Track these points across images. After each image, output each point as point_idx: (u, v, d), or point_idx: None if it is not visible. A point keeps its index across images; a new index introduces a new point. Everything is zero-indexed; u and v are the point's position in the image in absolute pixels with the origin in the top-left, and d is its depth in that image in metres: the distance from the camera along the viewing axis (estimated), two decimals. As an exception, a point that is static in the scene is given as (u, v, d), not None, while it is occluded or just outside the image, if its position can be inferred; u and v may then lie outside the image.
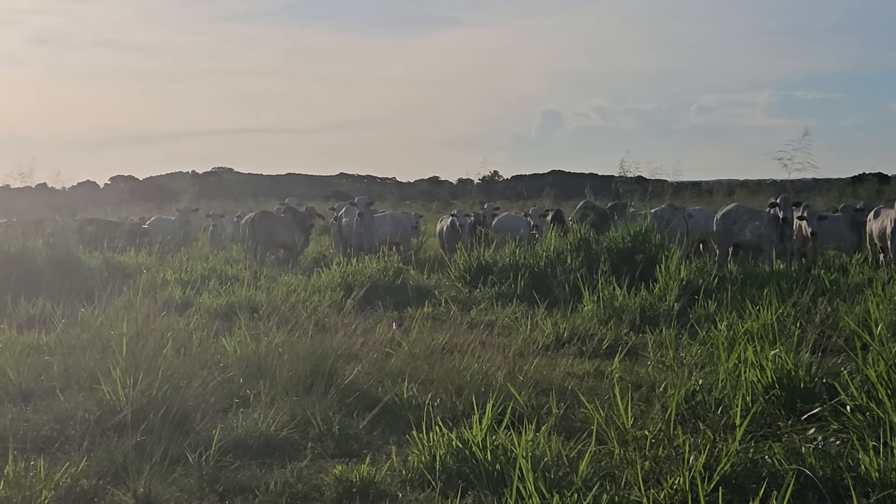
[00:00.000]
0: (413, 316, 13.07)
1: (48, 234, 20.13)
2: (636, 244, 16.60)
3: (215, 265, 19.43)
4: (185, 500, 6.63)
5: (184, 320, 11.68)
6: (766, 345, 8.82)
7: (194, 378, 8.74)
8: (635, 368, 10.15)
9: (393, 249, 23.96)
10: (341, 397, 8.68)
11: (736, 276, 15.54)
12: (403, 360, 10.00)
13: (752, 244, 19.95)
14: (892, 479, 6.16)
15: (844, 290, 13.88)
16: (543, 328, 12.02)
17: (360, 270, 16.91)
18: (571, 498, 5.81)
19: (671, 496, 6.16)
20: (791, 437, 7.30)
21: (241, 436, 7.73)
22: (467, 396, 8.40)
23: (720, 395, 8.16)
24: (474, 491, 6.54)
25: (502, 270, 16.70)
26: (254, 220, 23.94)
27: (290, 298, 14.21)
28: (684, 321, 11.92)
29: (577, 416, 8.19)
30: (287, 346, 9.70)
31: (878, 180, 60.89)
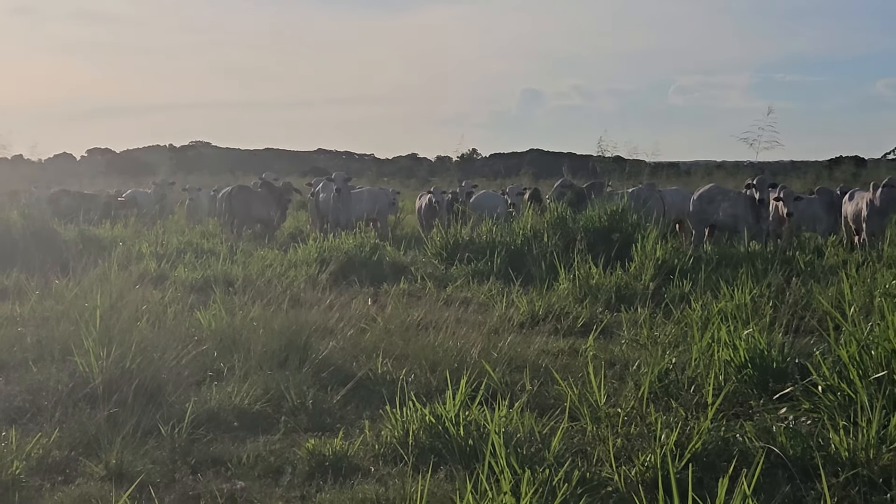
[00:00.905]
0: (389, 292, 13.09)
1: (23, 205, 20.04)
2: (613, 223, 16.64)
3: (191, 239, 19.42)
4: (157, 472, 6.61)
5: (159, 293, 11.66)
6: (740, 325, 8.86)
7: (168, 351, 8.71)
8: (609, 347, 10.18)
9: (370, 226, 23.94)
10: (315, 372, 8.67)
11: (711, 257, 15.60)
12: (378, 336, 10.01)
13: (728, 225, 19.98)
14: (860, 458, 6.20)
15: (819, 272, 13.94)
16: (519, 306, 12.03)
17: (336, 246, 16.89)
18: (543, 473, 5.82)
19: (642, 473, 6.18)
20: (762, 417, 7.33)
21: (215, 409, 7.73)
22: (441, 372, 8.40)
23: (693, 374, 8.20)
24: (446, 465, 6.56)
25: (479, 248, 16.70)
26: (230, 195, 23.87)
27: (265, 273, 14.21)
28: (659, 300, 11.95)
29: (551, 393, 8.22)
30: (262, 320, 9.70)
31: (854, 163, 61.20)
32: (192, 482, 6.50)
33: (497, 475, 5.74)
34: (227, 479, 6.57)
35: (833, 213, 21.49)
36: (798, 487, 6.03)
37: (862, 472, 6.07)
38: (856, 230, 20.22)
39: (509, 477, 5.67)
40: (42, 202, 24.42)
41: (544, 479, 5.75)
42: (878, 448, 6.24)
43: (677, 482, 5.18)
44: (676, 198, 22.56)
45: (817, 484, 5.82)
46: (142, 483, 6.28)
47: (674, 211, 21.97)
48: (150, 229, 20.96)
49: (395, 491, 6.17)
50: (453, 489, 6.04)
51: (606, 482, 6.13)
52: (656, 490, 5.44)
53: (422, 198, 26.22)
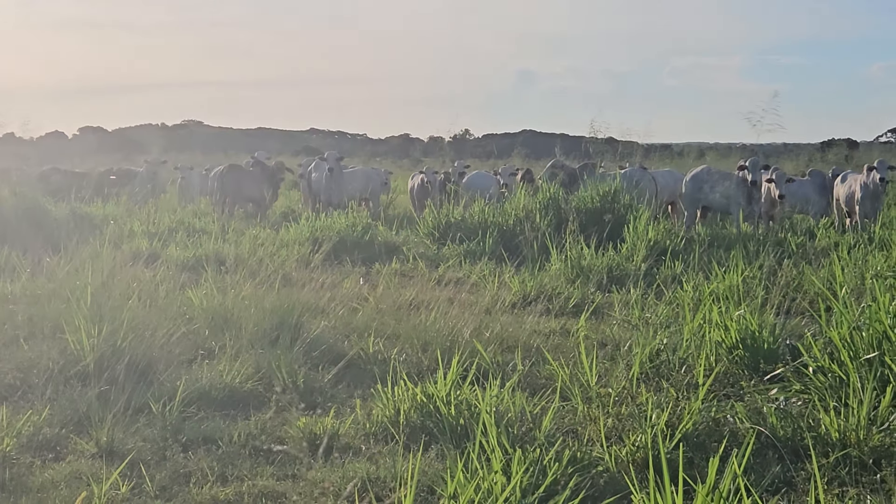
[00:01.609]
0: (381, 272, 13.10)
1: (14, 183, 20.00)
2: (605, 204, 16.64)
3: (183, 217, 19.41)
4: (148, 450, 6.61)
5: (150, 272, 11.64)
6: (731, 306, 8.87)
7: (159, 329, 8.72)
8: (601, 327, 10.18)
9: (362, 205, 23.96)
10: (307, 351, 8.68)
11: (703, 238, 15.61)
12: (370, 316, 10.01)
13: (720, 206, 19.99)
14: (850, 439, 6.22)
15: (810, 254, 13.95)
16: (511, 286, 12.04)
17: (328, 225, 16.89)
18: (534, 453, 5.82)
19: (633, 453, 6.19)
20: (753, 397, 7.34)
21: (206, 387, 7.72)
22: (433, 352, 8.42)
23: (684, 355, 8.21)
24: (437, 445, 6.56)
25: (471, 228, 16.69)
26: (222, 174, 23.82)
27: (257, 252, 14.19)
28: (651, 281, 11.94)
29: (542, 373, 8.24)
30: (253, 299, 9.71)
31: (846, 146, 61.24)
32: (183, 460, 6.50)
33: (488, 454, 5.75)
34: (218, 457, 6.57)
35: (825, 196, 21.49)
36: (788, 468, 6.05)
37: (852, 453, 6.08)
38: (848, 212, 20.25)
39: (500, 456, 5.67)
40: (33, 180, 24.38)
41: (535, 459, 5.76)
42: (869, 429, 6.26)
43: (668, 462, 5.18)
44: (669, 179, 22.56)
45: (807, 464, 5.85)
46: (132, 461, 6.29)
47: (666, 192, 21.98)
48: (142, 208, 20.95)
49: (386, 470, 6.17)
50: (444, 468, 6.03)
51: (597, 462, 6.13)
52: (647, 470, 5.45)
53: (414, 178, 26.20)
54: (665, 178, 22.63)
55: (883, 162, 19.75)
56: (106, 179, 26.09)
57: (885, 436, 6.24)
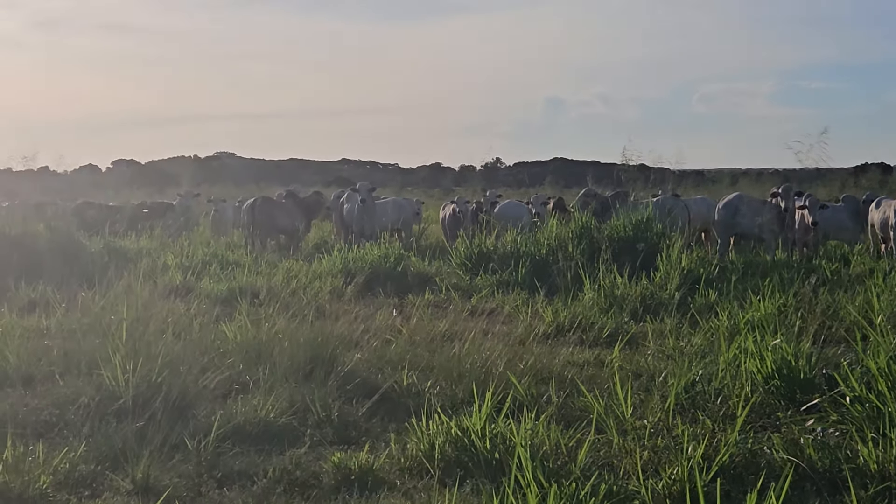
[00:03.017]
0: (414, 303, 13.08)
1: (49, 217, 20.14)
2: (637, 233, 16.60)
3: (216, 250, 19.45)
4: (183, 486, 6.62)
5: (184, 305, 11.68)
6: (767, 335, 8.81)
7: (194, 364, 8.74)
8: (635, 357, 10.14)
9: (394, 236, 23.97)
10: (341, 384, 8.67)
11: (737, 266, 15.55)
12: (403, 348, 10.00)
13: (753, 234, 19.92)
14: (890, 471, 6.16)
15: (845, 281, 13.87)
16: (544, 316, 12.02)
17: (361, 257, 16.93)
18: (570, 487, 5.80)
19: (669, 486, 6.15)
20: (790, 428, 7.29)
21: (241, 422, 7.72)
22: (467, 384, 8.40)
23: (720, 386, 8.16)
24: (473, 479, 6.53)
25: (503, 258, 16.68)
26: (254, 206, 23.90)
27: (290, 284, 14.24)
28: (685, 310, 11.90)
29: (577, 405, 8.19)
30: (287, 332, 9.71)
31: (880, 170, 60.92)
32: (218, 496, 6.51)
33: (524, 489, 5.72)
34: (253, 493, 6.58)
35: (859, 222, 21.36)
36: (826, 501, 6.00)
37: (892, 486, 6.03)
38: (883, 238, 20.12)
39: (536, 491, 5.65)
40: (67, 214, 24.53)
41: (571, 493, 5.73)
42: (908, 461, 6.20)
43: (705, 495, 5.15)
44: (702, 207, 22.51)
45: (846, 497, 5.79)
46: (168, 497, 6.30)
47: (699, 220, 21.92)
48: (176, 241, 21.04)
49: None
50: (480, 503, 6.02)
51: (633, 495, 6.10)
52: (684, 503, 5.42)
53: (446, 208, 26.23)
54: (698, 205, 22.58)
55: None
56: (139, 213, 26.23)
57: (924, 467, 6.18)
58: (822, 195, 27.34)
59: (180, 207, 27.33)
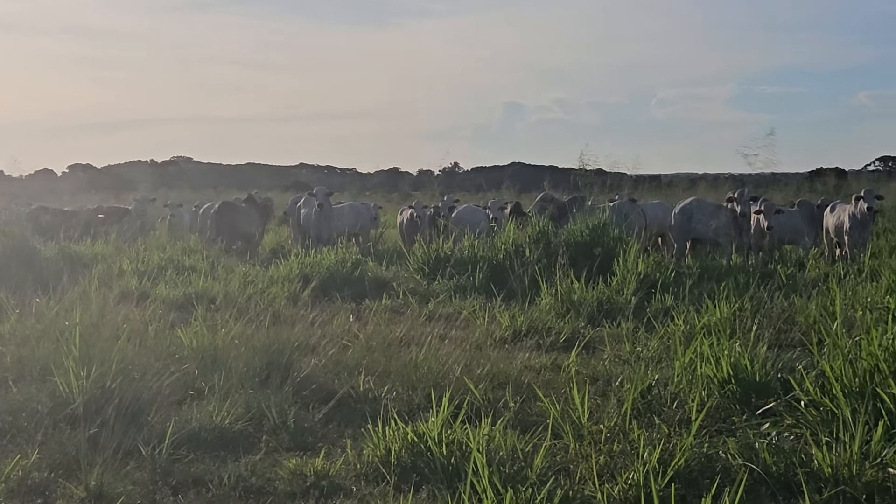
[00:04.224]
0: (371, 308, 13.05)
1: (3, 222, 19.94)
2: (594, 237, 16.62)
3: (172, 255, 19.33)
4: (137, 494, 6.57)
5: (140, 311, 11.59)
6: (723, 339, 8.84)
7: (149, 370, 8.67)
8: (592, 362, 10.16)
9: (352, 241, 23.95)
10: (297, 390, 8.63)
11: (693, 271, 15.59)
12: (360, 353, 9.97)
13: (709, 238, 20.02)
14: (844, 475, 6.19)
15: (801, 285, 13.95)
16: (501, 321, 12.03)
17: (318, 262, 16.89)
18: (526, 493, 5.80)
19: (625, 491, 6.16)
20: (745, 433, 7.30)
21: (196, 428, 7.67)
22: (424, 390, 8.41)
23: (676, 390, 8.19)
24: (429, 485, 6.52)
25: (461, 263, 16.66)
26: (217, 212, 23.92)
27: (247, 289, 14.19)
28: (641, 315, 11.93)
29: (534, 410, 8.20)
30: (243, 338, 9.65)
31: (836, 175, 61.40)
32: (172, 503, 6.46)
33: (480, 495, 5.72)
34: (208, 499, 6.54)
35: (814, 226, 21.53)
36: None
37: (845, 489, 6.06)
38: (837, 243, 20.28)
39: (492, 496, 5.65)
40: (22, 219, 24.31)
41: (527, 498, 5.74)
42: (861, 464, 6.24)
43: (660, 500, 5.16)
44: (658, 211, 22.59)
45: (800, 501, 5.81)
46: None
47: (655, 225, 22.00)
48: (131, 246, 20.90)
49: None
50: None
51: (589, 501, 6.11)
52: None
53: (403, 212, 26.22)
54: (654, 210, 22.67)
55: (871, 191, 19.83)
56: (95, 218, 26.03)
57: (877, 471, 6.21)
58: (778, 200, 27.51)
59: (136, 212, 27.13)
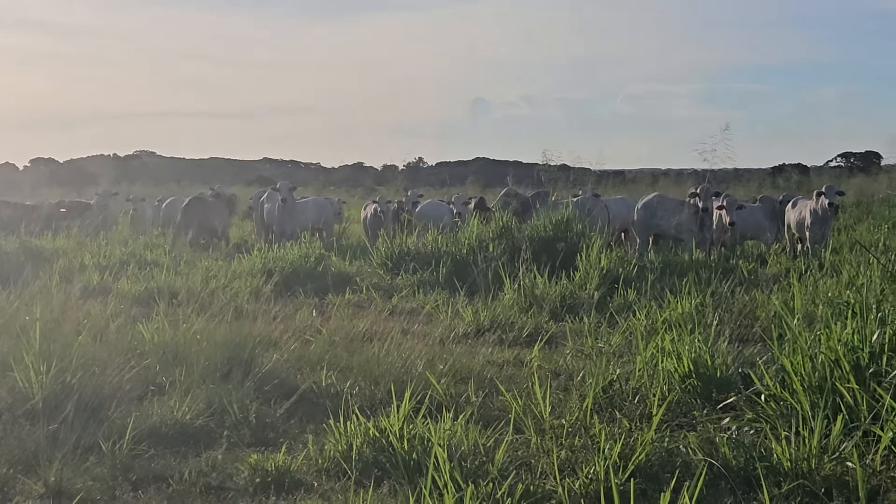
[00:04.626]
0: (334, 303, 13.04)
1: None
2: (557, 233, 16.67)
3: (135, 250, 19.25)
4: (97, 490, 6.53)
5: (101, 306, 11.54)
6: (684, 334, 8.87)
7: (110, 365, 8.62)
8: (554, 357, 10.17)
9: (315, 235, 23.90)
10: (259, 385, 8.60)
11: (656, 266, 15.64)
12: (323, 348, 9.94)
13: (671, 234, 20.10)
14: (803, 468, 6.22)
15: (762, 281, 14.02)
16: (464, 316, 12.04)
17: (281, 256, 16.85)
18: (487, 487, 5.81)
19: (586, 485, 6.17)
20: (706, 427, 7.34)
21: (156, 424, 7.63)
22: (386, 385, 8.39)
23: (637, 385, 8.22)
24: (390, 480, 6.52)
25: (424, 258, 16.68)
26: (187, 206, 23.94)
27: (209, 284, 14.12)
28: (604, 310, 11.98)
29: (496, 405, 8.21)
30: (205, 332, 9.62)
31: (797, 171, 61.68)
32: (132, 499, 6.44)
33: (441, 489, 5.72)
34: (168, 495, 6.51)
35: (776, 222, 21.66)
36: (741, 499, 6.05)
37: (804, 483, 6.09)
38: (799, 238, 20.41)
39: (453, 491, 5.65)
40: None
41: (488, 493, 5.74)
42: (820, 458, 6.28)
43: (621, 494, 5.17)
44: (621, 207, 22.66)
45: (760, 495, 5.83)
46: (81, 500, 6.23)
47: (618, 220, 22.07)
48: (93, 240, 20.80)
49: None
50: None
51: (550, 495, 6.11)
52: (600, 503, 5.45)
53: (367, 207, 26.19)
54: (617, 205, 22.73)
55: (832, 187, 19.95)
56: (56, 212, 25.87)
57: (836, 465, 6.25)
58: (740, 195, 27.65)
59: (98, 206, 27.01)
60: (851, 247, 16.38)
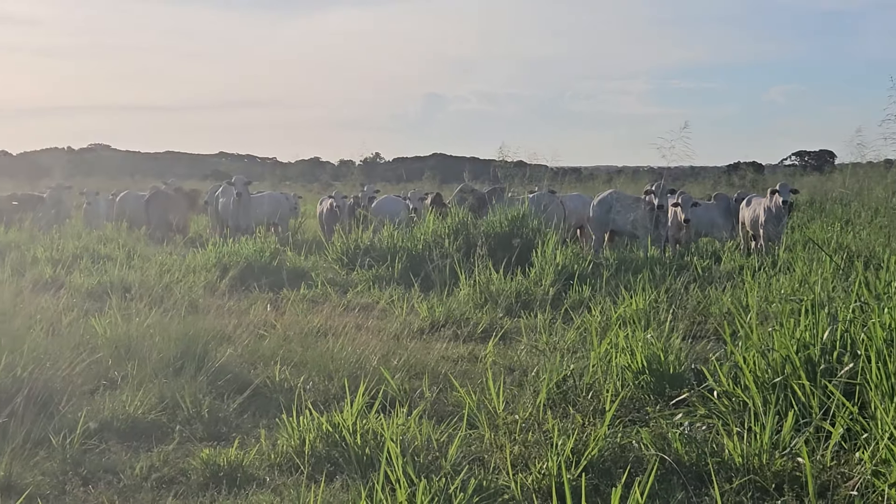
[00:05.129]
0: (289, 298, 13.00)
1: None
2: (513, 229, 16.69)
3: (88, 244, 19.11)
4: (47, 485, 6.48)
5: (54, 300, 11.45)
6: (638, 330, 8.90)
7: (61, 359, 8.55)
8: (509, 353, 10.18)
9: (270, 230, 23.83)
10: (212, 380, 8.56)
11: (611, 262, 15.70)
12: (277, 343, 9.92)
13: (627, 230, 20.16)
14: (754, 464, 6.26)
15: (716, 278, 14.10)
16: (419, 311, 12.03)
17: (236, 251, 16.77)
18: (439, 482, 5.80)
19: (539, 480, 6.18)
20: (659, 423, 7.37)
21: (108, 418, 7.59)
22: (340, 380, 8.37)
23: (591, 381, 8.23)
24: (343, 475, 6.50)
25: (380, 253, 16.65)
26: (149, 200, 23.92)
27: (163, 278, 14.03)
28: (559, 306, 12.01)
29: (450, 400, 8.22)
30: (158, 327, 9.57)
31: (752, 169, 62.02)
32: (83, 494, 6.38)
33: (393, 484, 5.71)
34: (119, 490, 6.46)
35: (730, 219, 21.78)
36: (692, 494, 6.07)
37: (755, 478, 6.13)
38: (753, 236, 20.52)
39: (406, 486, 5.64)
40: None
41: (440, 488, 5.74)
42: (771, 454, 6.31)
43: (573, 490, 5.18)
44: (577, 203, 22.70)
45: (711, 490, 5.86)
46: (31, 496, 6.16)
47: (574, 216, 22.12)
48: (46, 234, 20.64)
49: (291, 501, 6.10)
50: (350, 499, 6.00)
51: (503, 490, 6.11)
52: (552, 498, 5.45)
53: (323, 202, 26.15)
54: (573, 202, 22.77)
55: (785, 185, 20.05)
56: (8, 205, 25.64)
57: (787, 460, 6.28)
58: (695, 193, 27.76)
59: (51, 200, 26.75)
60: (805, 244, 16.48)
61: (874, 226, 16.72)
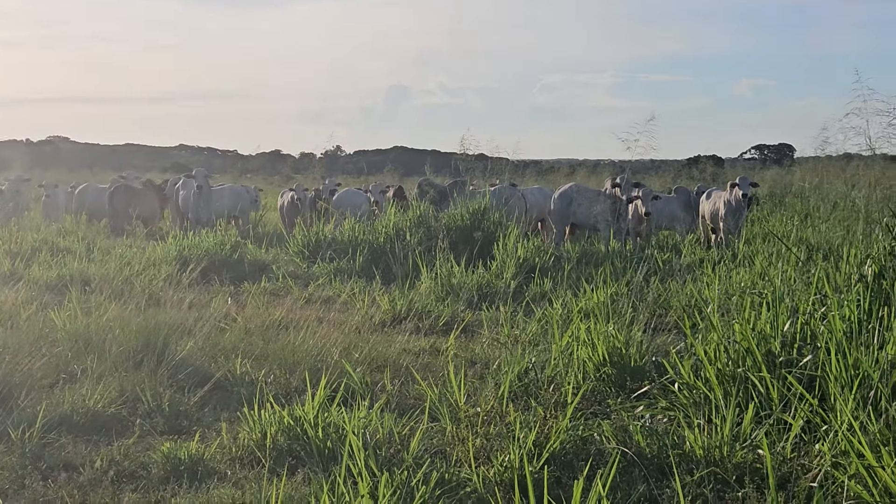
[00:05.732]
0: (250, 291, 12.98)
1: None
2: (475, 222, 16.68)
3: (47, 236, 19.00)
4: (6, 479, 6.43)
5: (12, 293, 11.36)
6: (600, 323, 8.93)
7: (20, 352, 8.48)
8: (471, 346, 10.21)
9: (231, 223, 23.73)
10: (172, 373, 8.54)
11: (572, 255, 15.75)
12: (238, 336, 9.88)
13: (588, 223, 20.21)
14: (715, 456, 6.29)
15: (677, 270, 14.15)
16: (381, 304, 12.02)
17: (196, 244, 16.70)
18: (401, 475, 5.80)
19: (500, 473, 6.18)
20: (620, 415, 7.41)
21: (68, 412, 7.53)
22: (301, 373, 8.36)
23: (552, 373, 8.26)
24: (304, 468, 6.49)
25: (341, 246, 16.62)
26: (113, 193, 23.82)
27: (123, 271, 13.95)
28: (520, 299, 12.03)
29: (412, 393, 8.22)
30: (118, 320, 9.52)
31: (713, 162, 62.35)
32: (42, 488, 6.34)
33: (355, 477, 5.70)
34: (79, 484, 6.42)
35: (691, 212, 21.90)
36: (654, 486, 6.09)
37: (716, 471, 6.16)
38: (713, 229, 20.63)
39: (367, 479, 5.64)
40: None
41: (402, 481, 5.74)
42: (732, 446, 6.34)
43: (535, 482, 5.19)
44: (538, 196, 22.74)
45: (672, 482, 5.88)
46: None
47: (535, 209, 22.15)
48: (4, 226, 20.49)
49: (252, 495, 6.09)
50: (311, 492, 5.98)
51: (465, 483, 6.12)
52: (514, 491, 5.46)
53: (284, 195, 26.07)
54: (534, 195, 22.81)
55: (745, 179, 20.15)
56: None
57: (747, 452, 6.32)
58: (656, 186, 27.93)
59: (9, 192, 26.53)
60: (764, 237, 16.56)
61: (833, 219, 16.80)
